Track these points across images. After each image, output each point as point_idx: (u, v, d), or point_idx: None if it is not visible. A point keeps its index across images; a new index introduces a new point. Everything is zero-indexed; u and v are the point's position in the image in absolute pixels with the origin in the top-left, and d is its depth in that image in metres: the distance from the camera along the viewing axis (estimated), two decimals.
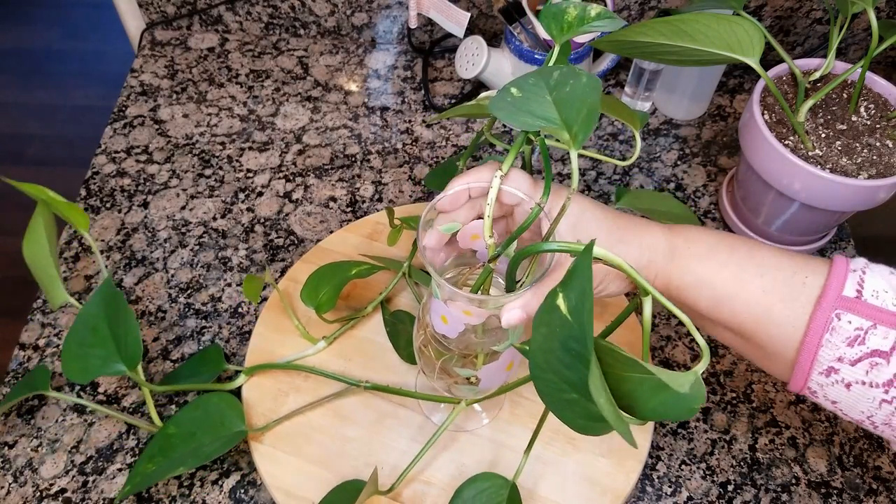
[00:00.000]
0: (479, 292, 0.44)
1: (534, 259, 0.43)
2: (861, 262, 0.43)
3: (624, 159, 0.79)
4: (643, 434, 0.58)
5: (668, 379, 0.32)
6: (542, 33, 0.74)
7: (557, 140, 0.41)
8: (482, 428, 0.59)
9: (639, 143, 0.46)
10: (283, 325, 0.63)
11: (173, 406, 0.60)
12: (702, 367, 0.34)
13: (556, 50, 0.45)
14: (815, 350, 0.41)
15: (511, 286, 0.41)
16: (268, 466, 0.55)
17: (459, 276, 0.51)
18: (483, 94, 0.50)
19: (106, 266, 0.68)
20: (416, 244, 0.64)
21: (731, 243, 0.45)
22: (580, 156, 0.79)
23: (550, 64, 0.44)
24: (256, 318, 0.65)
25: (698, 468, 0.59)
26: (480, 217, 0.46)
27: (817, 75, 0.66)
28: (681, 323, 0.66)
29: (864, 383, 0.40)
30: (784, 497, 0.57)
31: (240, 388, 0.59)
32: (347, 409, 0.59)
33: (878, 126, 0.64)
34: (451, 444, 0.57)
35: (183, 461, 0.52)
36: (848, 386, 0.41)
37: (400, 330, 0.61)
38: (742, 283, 0.43)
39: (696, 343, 0.65)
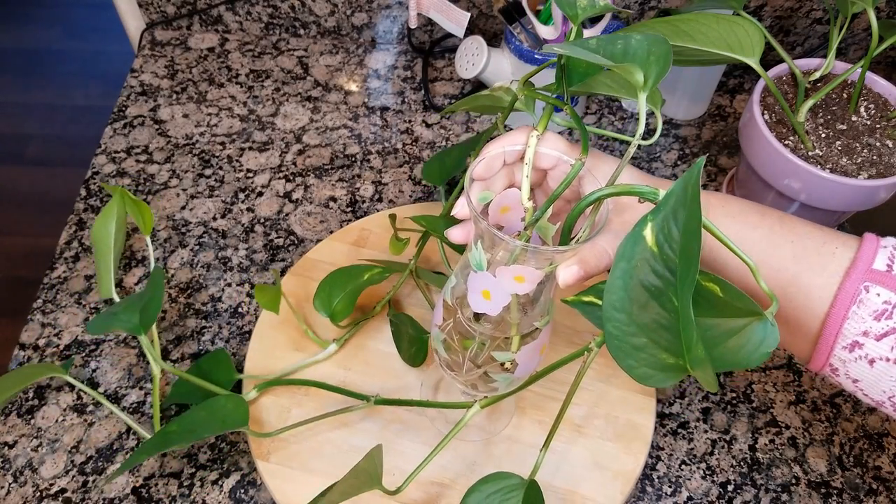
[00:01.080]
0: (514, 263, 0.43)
1: (593, 213, 0.42)
2: (892, 239, 0.42)
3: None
4: (647, 413, 0.58)
5: (762, 311, 0.31)
6: (543, 33, 0.74)
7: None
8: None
9: (660, 121, 0.46)
10: (281, 333, 0.62)
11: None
12: (774, 309, 0.33)
13: (574, 30, 0.45)
14: (840, 322, 0.40)
15: (566, 242, 0.40)
16: (279, 485, 0.55)
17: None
18: (498, 84, 0.49)
19: (156, 261, 0.69)
20: (421, 237, 0.64)
21: (762, 209, 0.44)
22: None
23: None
24: (257, 317, 0.65)
25: (698, 468, 0.59)
26: (513, 186, 0.45)
27: (817, 75, 0.66)
28: None
29: (888, 360, 0.40)
30: (784, 497, 0.57)
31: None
32: (352, 419, 0.58)
33: (878, 126, 0.64)
34: (461, 442, 0.57)
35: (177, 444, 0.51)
36: (871, 362, 0.40)
37: (402, 332, 0.61)
38: (772, 247, 0.42)
39: None
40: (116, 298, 0.61)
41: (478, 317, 0.47)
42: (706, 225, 0.33)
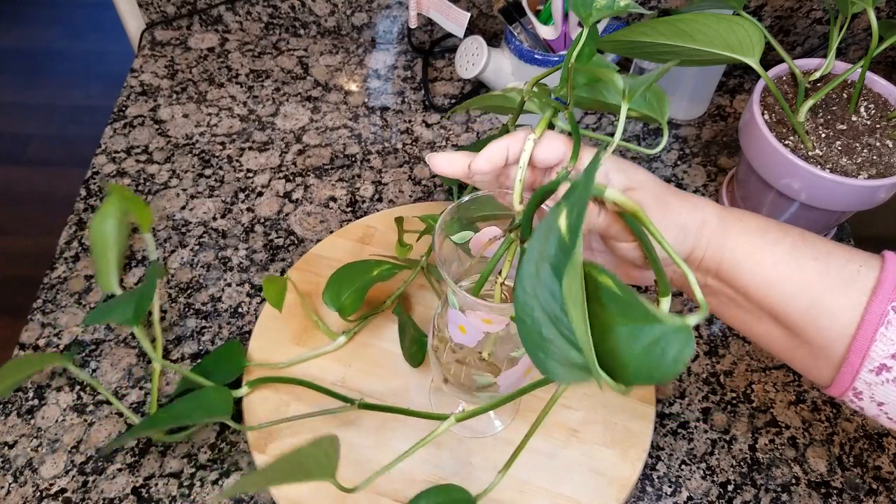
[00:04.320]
0: (500, 273, 0.43)
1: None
2: None
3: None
4: (645, 420, 0.58)
5: (661, 315, 0.29)
6: (543, 33, 0.74)
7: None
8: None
9: (666, 132, 0.45)
10: (285, 326, 0.63)
11: None
12: (695, 320, 0.30)
13: (585, 32, 0.44)
14: (868, 344, 0.39)
15: (527, 234, 0.40)
16: None
17: (473, 284, 0.50)
18: (510, 85, 0.49)
19: (158, 259, 0.70)
20: (433, 244, 0.64)
21: (782, 225, 0.43)
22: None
23: (578, 47, 0.43)
24: (256, 317, 0.65)
25: (698, 468, 0.59)
26: (507, 189, 0.44)
27: (817, 75, 0.66)
28: None
29: None
30: (784, 497, 0.57)
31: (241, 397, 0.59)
32: (350, 416, 0.58)
33: (878, 126, 0.64)
34: (459, 444, 0.57)
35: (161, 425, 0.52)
36: None
37: (406, 330, 0.61)
38: (796, 264, 0.41)
39: (696, 342, 0.65)
40: (119, 292, 0.61)
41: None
42: (643, 221, 0.32)
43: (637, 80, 0.40)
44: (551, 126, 0.44)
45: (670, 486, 0.58)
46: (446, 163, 0.43)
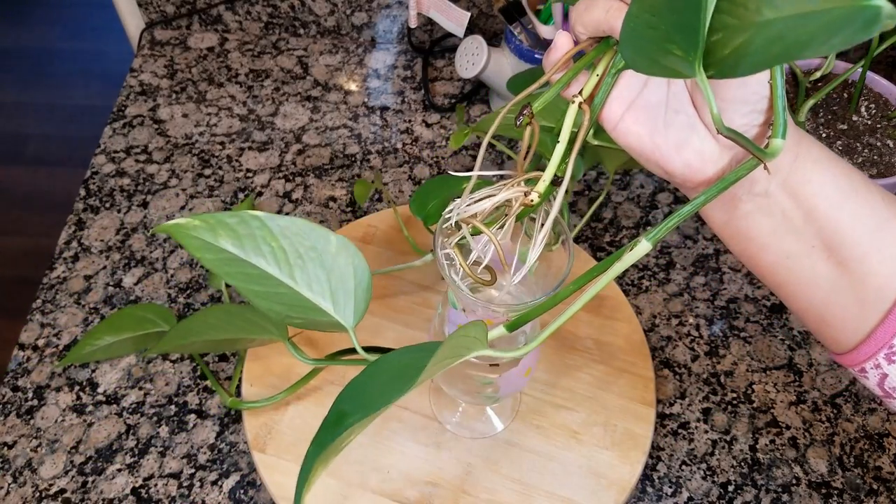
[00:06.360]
0: (581, 92, 0.36)
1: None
2: None
3: None
4: (646, 423, 0.58)
5: None
6: (543, 33, 0.73)
7: None
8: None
9: None
10: None
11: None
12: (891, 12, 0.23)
13: None
14: None
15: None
16: (273, 476, 0.55)
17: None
18: None
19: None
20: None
21: None
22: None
23: None
24: None
25: (699, 468, 0.58)
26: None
27: (818, 75, 0.66)
28: (682, 323, 0.66)
29: None
30: (784, 497, 0.57)
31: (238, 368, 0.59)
32: None
33: (878, 126, 0.64)
34: (458, 444, 0.57)
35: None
36: None
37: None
38: (867, 189, 0.36)
39: (697, 343, 0.65)
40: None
41: None
42: None
43: None
44: None
45: (671, 487, 0.58)
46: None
